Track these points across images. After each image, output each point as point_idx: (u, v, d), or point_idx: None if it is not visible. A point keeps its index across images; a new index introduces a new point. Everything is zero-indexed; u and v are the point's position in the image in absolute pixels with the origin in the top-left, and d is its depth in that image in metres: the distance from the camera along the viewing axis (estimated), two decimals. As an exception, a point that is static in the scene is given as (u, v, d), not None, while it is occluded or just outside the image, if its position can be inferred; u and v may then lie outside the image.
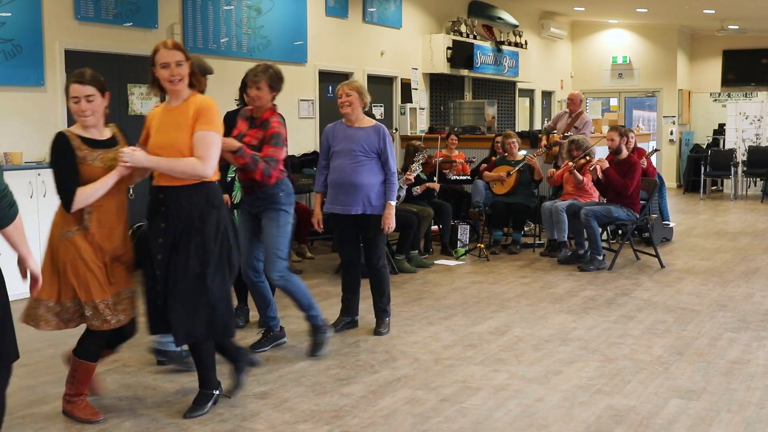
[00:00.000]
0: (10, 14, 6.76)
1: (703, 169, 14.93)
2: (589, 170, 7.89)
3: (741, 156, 15.07)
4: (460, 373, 4.56)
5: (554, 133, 9.81)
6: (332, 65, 10.47)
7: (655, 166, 9.46)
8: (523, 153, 9.08)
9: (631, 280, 7.24)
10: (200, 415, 3.89)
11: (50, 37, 7.11)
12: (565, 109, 10.03)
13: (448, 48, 12.11)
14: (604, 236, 8.40)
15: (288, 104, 9.25)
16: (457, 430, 3.75)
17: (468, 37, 12.70)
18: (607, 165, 7.77)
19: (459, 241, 8.60)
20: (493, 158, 9.29)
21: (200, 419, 3.86)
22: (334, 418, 3.88)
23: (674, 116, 16.87)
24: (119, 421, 3.85)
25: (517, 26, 14.05)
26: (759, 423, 3.81)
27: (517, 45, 14.06)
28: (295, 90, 9.80)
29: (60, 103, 7.21)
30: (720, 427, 3.76)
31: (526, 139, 10.13)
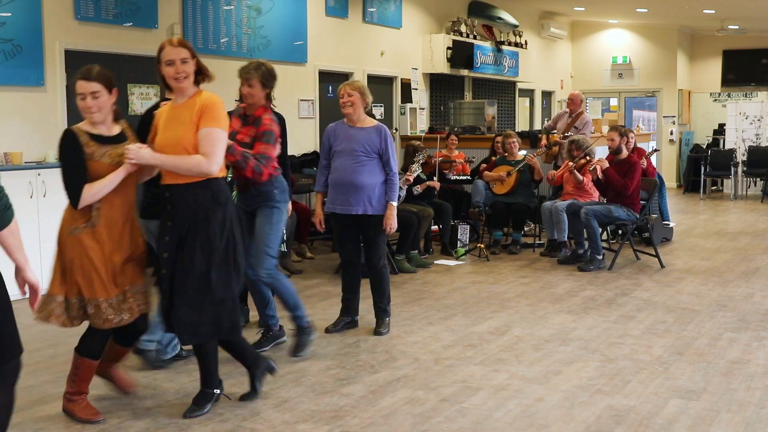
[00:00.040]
0: (10, 14, 6.76)
1: (703, 169, 14.93)
2: (589, 170, 7.89)
3: (741, 156, 15.06)
4: (460, 373, 4.56)
5: (554, 132, 9.81)
6: (332, 65, 10.47)
7: (654, 166, 9.46)
8: (523, 153, 9.08)
9: (631, 280, 7.24)
10: (200, 415, 3.89)
11: (50, 37, 7.11)
12: (565, 109, 10.02)
13: (448, 48, 12.11)
14: (604, 236, 8.40)
15: (288, 104, 9.25)
16: (457, 430, 3.75)
17: (468, 37, 12.70)
18: (607, 165, 7.77)
19: (459, 241, 8.60)
20: (493, 158, 9.29)
21: (200, 419, 3.86)
22: (334, 418, 3.88)
23: (674, 116, 16.86)
24: (119, 421, 3.85)
25: (517, 26, 14.05)
26: (759, 423, 3.81)
27: (517, 45, 14.05)
28: (295, 90, 9.81)
29: (60, 103, 7.22)
30: (720, 427, 3.76)
31: (526, 139, 10.13)
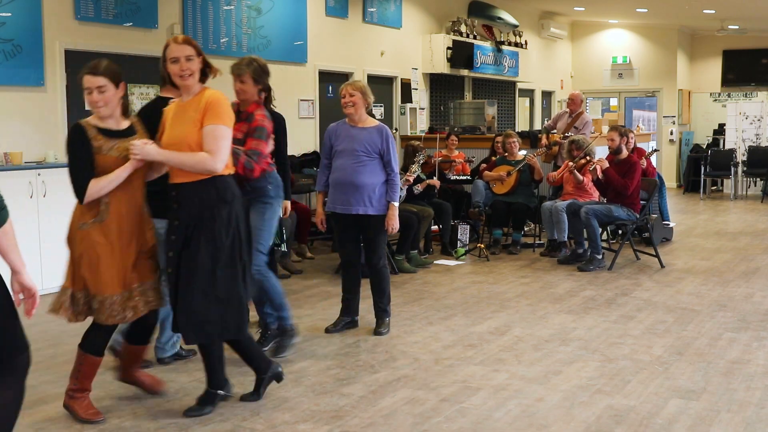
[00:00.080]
0: (10, 14, 6.76)
1: (703, 169, 14.92)
2: (589, 170, 7.89)
3: (741, 156, 15.06)
4: (460, 373, 4.56)
5: (554, 132, 9.81)
6: (332, 65, 10.47)
7: (654, 166, 9.46)
8: (524, 153, 9.08)
9: (631, 280, 7.24)
10: (199, 415, 3.88)
11: (50, 37, 7.11)
12: (565, 109, 10.02)
13: (448, 48, 12.11)
14: (604, 236, 8.40)
15: (288, 104, 9.25)
16: (457, 430, 3.75)
17: (468, 37, 12.70)
18: (607, 165, 7.77)
19: (459, 241, 8.59)
20: (493, 158, 9.29)
21: (200, 419, 3.86)
22: (334, 418, 3.88)
23: (674, 116, 16.86)
24: (119, 421, 3.84)
25: (517, 26, 14.05)
26: (759, 423, 3.81)
27: (517, 45, 14.05)
28: (295, 90, 9.81)
29: (60, 103, 7.21)
30: (720, 427, 3.76)
31: (526, 139, 10.13)
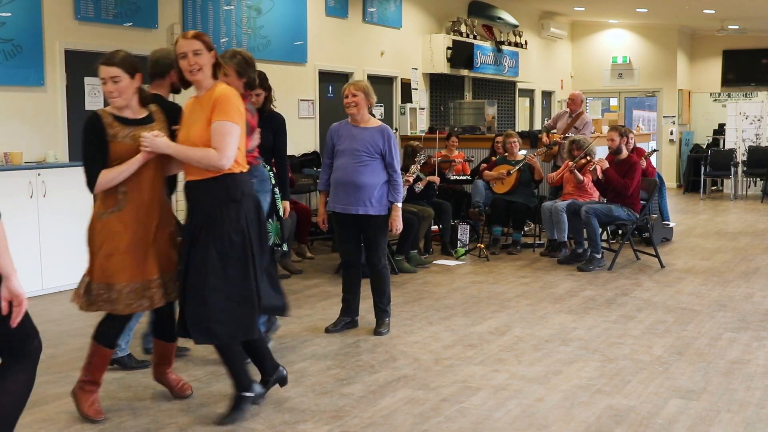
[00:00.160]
0: (10, 14, 6.76)
1: (703, 169, 14.93)
2: (590, 170, 7.89)
3: (741, 156, 15.06)
4: (460, 373, 4.56)
5: (554, 132, 9.81)
6: (332, 65, 10.47)
7: (654, 166, 9.46)
8: (524, 153, 9.08)
9: (631, 280, 7.24)
10: (235, 422, 3.78)
11: (50, 37, 7.11)
12: (565, 108, 10.02)
13: (448, 48, 12.11)
14: (604, 236, 8.40)
15: (288, 104, 9.26)
16: (457, 430, 3.75)
17: (468, 37, 12.70)
18: (607, 165, 7.77)
19: (459, 241, 8.59)
20: (493, 158, 9.29)
21: (200, 419, 3.86)
22: (334, 418, 3.88)
23: (674, 116, 16.86)
24: (119, 421, 3.84)
25: (517, 26, 14.05)
26: (759, 423, 3.81)
27: (517, 45, 14.05)
28: (295, 90, 9.81)
29: (60, 103, 7.21)
30: (720, 427, 3.76)
31: (527, 139, 10.13)
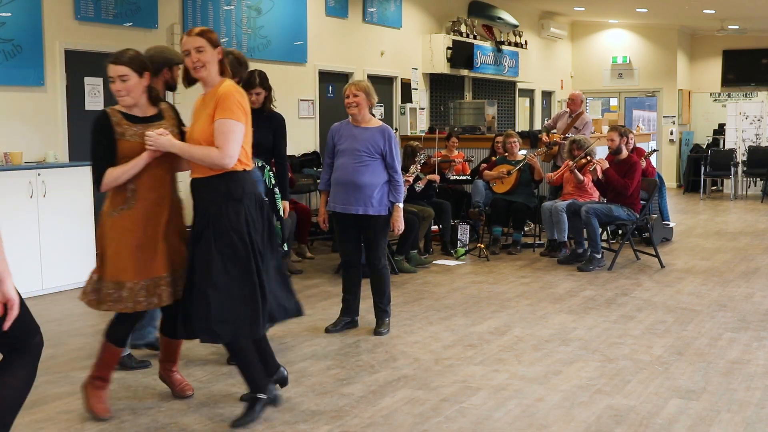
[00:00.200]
0: (10, 14, 6.76)
1: (703, 169, 14.93)
2: (590, 170, 7.89)
3: (741, 156, 15.06)
4: (460, 373, 4.56)
5: (554, 132, 9.81)
6: (332, 65, 10.47)
7: (654, 166, 9.46)
8: (524, 153, 9.08)
9: (631, 280, 7.24)
10: (246, 424, 3.76)
11: (50, 37, 7.11)
12: (565, 108, 10.02)
13: (448, 48, 12.11)
14: (604, 236, 8.40)
15: (288, 104, 9.26)
16: (457, 430, 3.75)
17: (468, 37, 12.70)
18: (607, 165, 7.77)
19: (459, 241, 8.59)
20: (494, 158, 9.29)
21: (200, 419, 3.86)
22: (334, 418, 3.88)
23: (674, 116, 16.87)
24: (119, 421, 3.84)
25: (517, 26, 14.05)
26: (759, 423, 3.81)
27: (517, 45, 14.05)
28: (295, 90, 9.82)
29: (60, 103, 7.21)
30: (720, 427, 3.76)
31: (527, 139, 10.13)
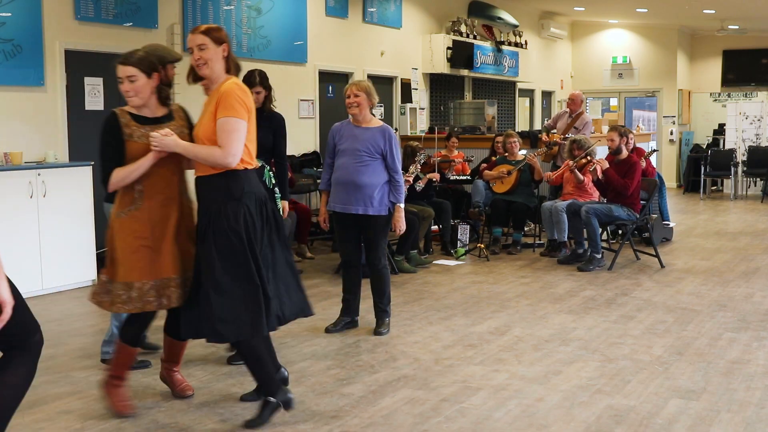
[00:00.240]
0: (10, 14, 6.76)
1: (703, 169, 14.92)
2: (590, 170, 7.89)
3: (741, 156, 15.06)
4: (460, 373, 4.56)
5: (554, 132, 9.81)
6: (332, 65, 10.47)
7: (654, 166, 9.46)
8: (524, 153, 9.08)
9: (631, 280, 7.24)
10: (257, 426, 3.74)
11: (50, 37, 7.11)
12: (565, 108, 10.02)
13: (448, 48, 12.11)
14: (604, 236, 8.40)
15: (288, 104, 9.26)
16: (457, 430, 3.75)
17: (468, 37, 12.70)
18: (607, 165, 7.77)
19: (459, 241, 8.59)
20: (493, 158, 9.29)
21: (199, 420, 3.86)
22: (334, 418, 3.88)
23: (674, 116, 16.86)
24: (119, 421, 3.85)
25: (517, 26, 14.05)
26: (759, 423, 3.81)
27: (517, 45, 14.05)
28: (295, 90, 9.81)
29: (60, 103, 7.21)
30: (720, 427, 3.76)
31: (527, 139, 10.13)
